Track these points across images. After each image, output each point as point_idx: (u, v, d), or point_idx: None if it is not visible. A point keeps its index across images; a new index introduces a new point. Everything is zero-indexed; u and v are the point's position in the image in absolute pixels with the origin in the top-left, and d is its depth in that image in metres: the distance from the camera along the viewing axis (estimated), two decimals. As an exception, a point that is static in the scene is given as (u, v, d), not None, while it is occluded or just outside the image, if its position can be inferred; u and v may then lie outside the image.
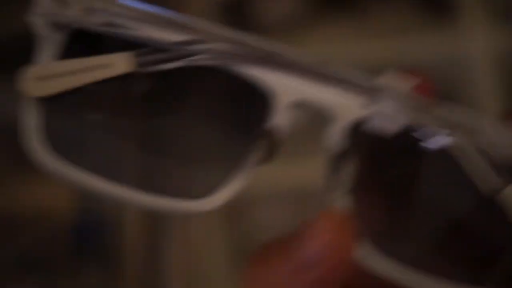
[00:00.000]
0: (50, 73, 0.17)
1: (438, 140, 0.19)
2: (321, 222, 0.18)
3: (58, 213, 0.64)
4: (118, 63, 0.17)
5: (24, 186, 0.63)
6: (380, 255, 0.20)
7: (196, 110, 0.20)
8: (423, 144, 0.19)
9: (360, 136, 0.19)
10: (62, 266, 0.63)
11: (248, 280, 0.20)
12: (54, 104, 0.17)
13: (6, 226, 0.62)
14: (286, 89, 0.19)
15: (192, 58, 0.17)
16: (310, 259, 0.18)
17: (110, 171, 0.18)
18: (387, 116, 0.18)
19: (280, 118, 0.19)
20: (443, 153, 0.19)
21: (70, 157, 0.18)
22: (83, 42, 0.18)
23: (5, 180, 0.63)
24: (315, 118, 0.19)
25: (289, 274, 0.19)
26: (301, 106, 0.19)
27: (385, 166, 0.21)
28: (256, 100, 0.19)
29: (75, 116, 0.18)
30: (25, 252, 0.62)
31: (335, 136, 0.19)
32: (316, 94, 0.19)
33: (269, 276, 0.19)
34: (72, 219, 0.64)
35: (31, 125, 0.17)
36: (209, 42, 0.18)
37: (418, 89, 0.19)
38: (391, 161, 0.21)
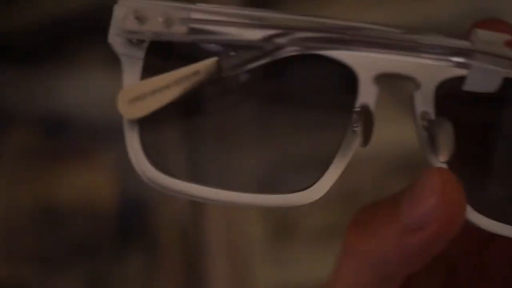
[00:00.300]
0: (143, 92, 0.17)
1: None
2: (432, 181, 0.18)
3: (100, 201, 0.65)
4: (206, 70, 0.17)
5: (65, 176, 0.64)
6: (478, 212, 0.20)
7: (288, 103, 0.20)
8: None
9: (452, 97, 0.19)
10: (107, 252, 0.64)
11: (348, 249, 0.20)
12: (153, 121, 0.17)
13: (50, 216, 0.63)
14: (367, 65, 0.19)
15: (275, 52, 0.17)
16: (421, 218, 0.18)
17: (219, 179, 0.18)
18: (484, 73, 0.18)
19: (367, 96, 0.19)
20: None
21: (176, 170, 0.18)
22: (166, 54, 0.18)
23: (46, 171, 0.64)
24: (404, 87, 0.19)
25: (394, 238, 0.18)
26: (385, 79, 0.19)
27: (481, 124, 0.21)
28: (341, 82, 0.19)
29: (175, 129, 0.18)
30: (71, 240, 0.63)
31: (424, 100, 0.19)
32: (398, 64, 0.19)
33: (371, 243, 0.19)
34: (114, 205, 0.65)
35: (135, 146, 0.17)
36: (288, 33, 0.18)
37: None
38: (489, 118, 0.21)
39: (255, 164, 0.20)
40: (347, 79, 0.19)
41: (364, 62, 0.19)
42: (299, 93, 0.20)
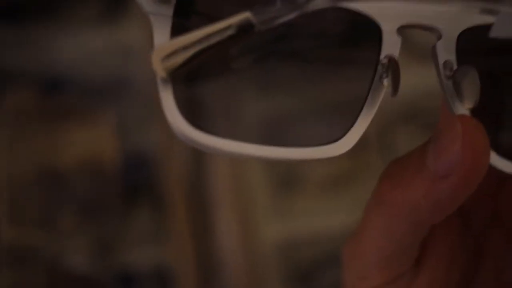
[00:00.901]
0: (175, 49, 0.17)
1: None
2: (455, 128, 0.18)
3: (104, 158, 0.65)
4: (238, 24, 0.17)
5: (66, 135, 0.64)
6: (504, 156, 0.20)
7: (317, 55, 0.20)
8: None
9: (475, 49, 0.19)
10: (114, 209, 0.65)
11: (381, 200, 0.20)
12: (185, 78, 0.17)
13: (55, 176, 0.63)
14: (390, 17, 0.19)
15: (306, 6, 0.17)
16: (447, 165, 0.18)
17: (253, 134, 0.19)
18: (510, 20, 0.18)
19: (391, 47, 0.19)
20: None
21: (212, 126, 0.18)
22: (194, 10, 0.18)
23: (47, 131, 0.64)
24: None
25: (424, 186, 0.19)
26: (408, 30, 0.19)
27: (504, 72, 0.21)
28: (366, 35, 0.19)
29: (208, 85, 0.18)
30: (77, 199, 0.64)
31: (446, 50, 0.19)
32: (421, 14, 0.19)
33: (404, 193, 0.20)
34: (118, 162, 0.65)
35: (170, 104, 0.17)
36: None
37: None
38: (506, 66, 0.21)
39: (288, 119, 0.20)
40: (372, 31, 0.19)
41: (388, 14, 0.19)
42: (327, 46, 0.20)
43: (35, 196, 0.63)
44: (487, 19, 0.19)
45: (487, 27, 0.19)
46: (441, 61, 0.19)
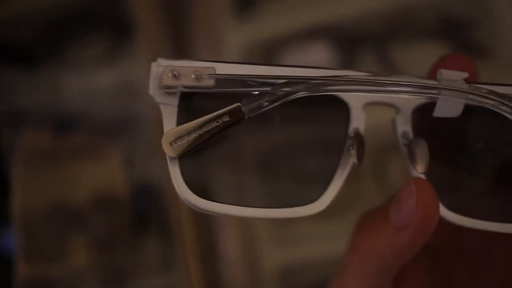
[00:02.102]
0: (181, 135, 0.21)
1: (491, 111, 0.22)
2: (410, 188, 0.22)
3: (114, 192, 0.67)
4: (232, 114, 0.21)
5: (77, 172, 0.66)
6: (452, 210, 0.24)
7: (298, 133, 0.24)
8: (479, 117, 0.23)
9: (424, 121, 0.23)
10: (125, 240, 0.67)
11: (354, 248, 0.24)
12: (189, 156, 0.21)
13: (67, 213, 0.66)
14: (358, 98, 0.23)
15: (287, 96, 0.21)
16: (405, 219, 0.22)
17: (244, 199, 0.22)
18: (449, 103, 0.22)
19: (358, 121, 0.23)
20: (497, 120, 0.23)
21: (209, 194, 0.22)
22: (197, 101, 0.22)
23: (59, 169, 0.66)
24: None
25: (388, 236, 0.23)
26: (371, 107, 0.23)
27: (449, 140, 0.25)
28: (337, 113, 0.23)
29: (209, 161, 0.22)
30: (90, 234, 0.66)
31: (403, 122, 0.23)
32: (382, 96, 0.23)
33: (372, 241, 0.23)
34: (127, 194, 0.67)
35: (178, 177, 0.21)
36: (297, 83, 0.21)
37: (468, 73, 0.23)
38: (454, 135, 0.25)
39: (273, 185, 0.24)
40: (342, 110, 0.23)
41: (355, 96, 0.23)
42: (306, 125, 0.24)
43: (49, 231, 0.65)
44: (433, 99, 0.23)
45: (433, 105, 0.23)
46: (399, 131, 0.23)
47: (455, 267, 0.28)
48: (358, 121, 0.23)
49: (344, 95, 0.23)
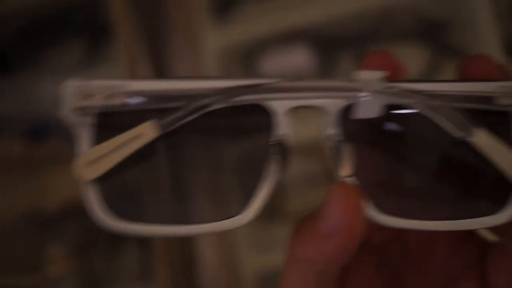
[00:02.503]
0: (96, 156, 0.20)
1: (412, 109, 0.22)
2: (335, 194, 0.22)
3: None
4: (146, 131, 0.20)
5: (51, 180, 0.66)
6: (382, 211, 0.23)
7: (221, 146, 0.23)
8: (402, 115, 0.23)
9: (350, 123, 0.22)
10: (100, 249, 0.67)
11: (289, 257, 0.24)
12: (105, 178, 0.20)
13: (42, 221, 0.65)
14: (281, 104, 0.22)
15: (202, 110, 0.20)
16: (333, 225, 0.21)
17: (165, 217, 0.22)
18: (368, 104, 0.22)
19: (282, 127, 0.22)
20: (421, 118, 0.23)
21: (127, 216, 0.21)
22: (111, 120, 0.21)
23: (33, 178, 0.66)
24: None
25: (318, 243, 0.22)
26: (296, 112, 0.22)
27: (376, 141, 0.24)
28: (262, 121, 0.22)
29: (125, 184, 0.21)
30: (65, 240, 0.65)
31: (328, 126, 0.22)
32: (305, 100, 0.22)
33: (303, 249, 0.23)
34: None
35: (92, 201, 0.20)
36: (209, 95, 0.21)
37: (389, 72, 0.22)
38: (380, 136, 0.24)
39: (197, 200, 0.23)
40: (266, 118, 0.22)
41: (278, 103, 0.22)
42: (230, 137, 0.23)
43: (22, 241, 0.65)
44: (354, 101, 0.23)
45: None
46: (325, 134, 0.22)
47: (402, 264, 0.28)
48: (282, 128, 0.23)
49: (267, 103, 0.22)
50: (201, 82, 0.21)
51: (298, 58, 0.70)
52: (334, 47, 0.69)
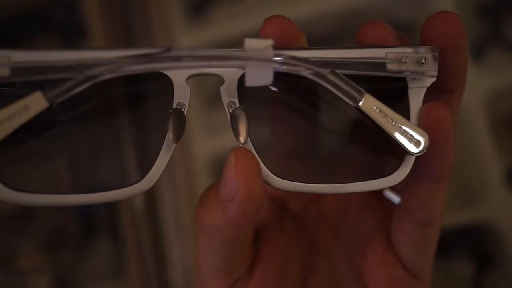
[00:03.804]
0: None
1: (304, 76, 0.23)
2: (233, 160, 0.22)
3: None
4: (34, 103, 0.20)
5: None
6: (280, 176, 0.24)
7: (121, 115, 0.24)
8: (295, 83, 0.23)
9: (246, 91, 0.23)
10: (71, 246, 0.67)
11: (198, 228, 0.24)
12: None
13: (11, 216, 0.66)
14: (178, 72, 0.22)
15: (92, 79, 0.21)
16: (230, 190, 0.22)
17: (62, 186, 0.22)
18: (258, 72, 0.22)
19: (180, 95, 0.22)
20: (312, 84, 0.23)
21: (24, 186, 0.21)
22: None
23: None
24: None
25: (220, 209, 0.23)
26: (193, 79, 0.23)
27: (271, 108, 0.25)
28: (163, 91, 0.23)
29: (17, 155, 0.22)
30: (36, 236, 0.66)
31: (226, 93, 0.23)
32: (202, 69, 0.23)
33: (207, 216, 0.23)
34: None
35: None
36: (98, 64, 0.21)
37: (281, 38, 0.23)
38: (275, 103, 0.25)
39: (96, 168, 0.23)
40: (164, 85, 0.23)
41: (177, 69, 0.23)
42: (130, 106, 0.24)
43: None
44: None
45: None
46: (225, 102, 0.23)
47: (319, 228, 0.29)
48: (181, 96, 0.23)
49: (167, 72, 0.23)
50: (95, 52, 0.22)
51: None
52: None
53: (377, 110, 0.23)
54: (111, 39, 0.69)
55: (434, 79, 0.24)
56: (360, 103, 0.23)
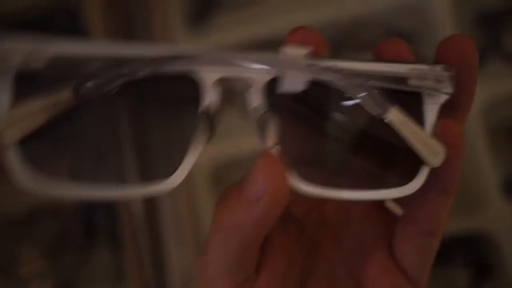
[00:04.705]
0: (13, 120, 0.20)
1: (334, 85, 0.23)
2: (260, 163, 0.23)
3: (60, 201, 0.67)
4: (65, 99, 0.21)
5: None
6: (304, 180, 0.25)
7: (151, 113, 0.24)
8: (325, 91, 0.24)
9: (275, 96, 0.24)
10: (72, 250, 0.67)
11: (215, 226, 0.25)
12: (25, 142, 0.21)
13: (14, 222, 0.65)
14: (209, 73, 0.23)
15: (126, 76, 0.21)
16: (257, 191, 0.23)
17: (98, 179, 0.22)
18: (293, 79, 0.23)
19: (210, 97, 0.23)
20: (342, 94, 0.24)
21: (53, 180, 0.21)
22: (30, 84, 0.21)
23: (3, 179, 0.65)
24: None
25: (244, 209, 0.23)
26: (224, 82, 0.23)
27: (299, 114, 0.26)
28: (190, 90, 0.23)
29: (45, 148, 0.22)
30: (37, 242, 0.65)
31: (254, 98, 0.23)
32: (233, 72, 0.23)
33: (229, 216, 0.24)
34: (74, 204, 0.68)
35: (14, 164, 0.21)
36: (132, 61, 0.21)
37: (314, 49, 0.23)
38: (304, 109, 0.25)
39: (124, 164, 0.24)
40: (194, 87, 0.23)
41: (206, 74, 0.23)
42: (160, 105, 0.24)
43: None
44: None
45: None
46: (252, 106, 0.24)
47: (320, 234, 0.30)
48: (210, 98, 0.23)
49: (196, 74, 0.23)
50: (129, 49, 0.22)
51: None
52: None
53: (403, 123, 0.24)
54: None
55: (448, 97, 0.25)
56: (388, 115, 0.24)
